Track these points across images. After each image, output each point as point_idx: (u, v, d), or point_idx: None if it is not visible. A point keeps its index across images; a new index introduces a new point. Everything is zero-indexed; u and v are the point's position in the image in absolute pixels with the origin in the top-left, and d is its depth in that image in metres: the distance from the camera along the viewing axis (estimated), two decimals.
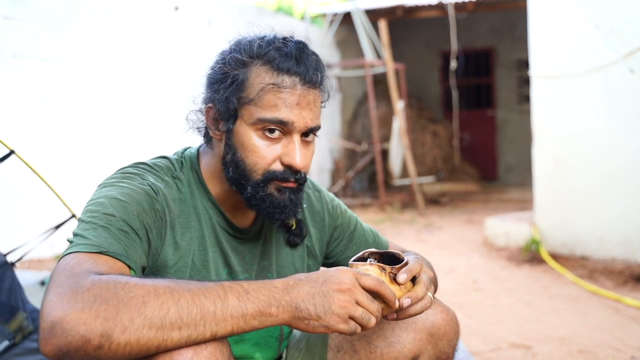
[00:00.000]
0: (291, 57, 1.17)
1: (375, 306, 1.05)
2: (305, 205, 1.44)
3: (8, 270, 2.30)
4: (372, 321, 1.05)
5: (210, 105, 1.23)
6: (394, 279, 1.12)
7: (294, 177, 1.20)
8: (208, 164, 1.27)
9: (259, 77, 1.17)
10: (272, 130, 1.17)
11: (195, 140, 1.34)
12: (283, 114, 1.15)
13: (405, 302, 1.11)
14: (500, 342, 2.82)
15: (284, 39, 1.21)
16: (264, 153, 1.17)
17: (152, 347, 0.90)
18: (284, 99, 1.15)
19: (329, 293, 1.01)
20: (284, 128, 1.17)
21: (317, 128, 1.22)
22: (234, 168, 1.20)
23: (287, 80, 1.16)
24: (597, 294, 3.60)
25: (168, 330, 0.90)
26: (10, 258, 2.56)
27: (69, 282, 0.91)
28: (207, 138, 1.29)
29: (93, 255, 1.00)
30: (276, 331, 1.36)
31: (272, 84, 1.16)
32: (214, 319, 0.93)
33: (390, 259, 1.19)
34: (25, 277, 3.31)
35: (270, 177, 1.18)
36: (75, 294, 0.89)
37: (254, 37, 1.22)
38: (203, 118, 1.27)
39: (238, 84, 1.18)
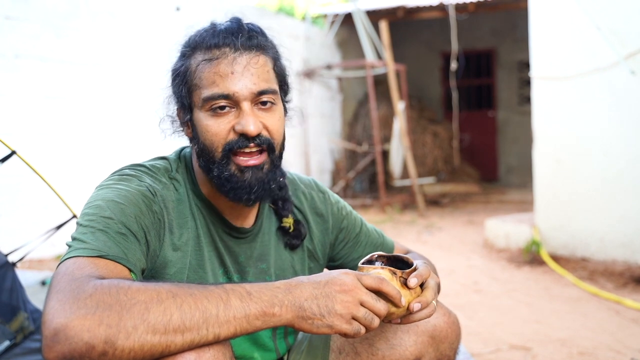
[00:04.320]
0: (219, 33, 1.20)
1: (380, 305, 1.06)
2: (307, 207, 1.44)
3: (9, 271, 2.31)
4: (376, 322, 1.05)
5: (177, 107, 1.26)
6: (404, 284, 1.12)
7: (253, 142, 1.18)
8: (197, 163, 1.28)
9: (195, 60, 1.20)
10: (222, 107, 1.18)
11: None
12: (222, 87, 1.17)
13: (416, 306, 1.12)
14: (501, 343, 2.82)
15: (219, 23, 1.24)
16: (216, 129, 1.18)
17: (156, 352, 0.90)
18: (219, 72, 1.17)
19: (332, 294, 1.02)
20: (230, 101, 1.18)
21: (270, 91, 1.20)
22: (202, 156, 1.21)
23: (216, 52, 1.19)
24: (597, 295, 3.60)
25: (171, 335, 0.90)
26: (11, 258, 2.56)
27: (71, 288, 0.91)
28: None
29: (93, 260, 0.99)
30: (269, 330, 1.35)
31: (204, 60, 1.18)
32: (216, 321, 0.93)
33: (397, 262, 1.20)
34: (26, 277, 3.31)
35: (228, 149, 1.18)
36: (78, 299, 0.89)
37: (194, 31, 1.26)
38: (178, 121, 1.29)
39: (182, 75, 1.21)
